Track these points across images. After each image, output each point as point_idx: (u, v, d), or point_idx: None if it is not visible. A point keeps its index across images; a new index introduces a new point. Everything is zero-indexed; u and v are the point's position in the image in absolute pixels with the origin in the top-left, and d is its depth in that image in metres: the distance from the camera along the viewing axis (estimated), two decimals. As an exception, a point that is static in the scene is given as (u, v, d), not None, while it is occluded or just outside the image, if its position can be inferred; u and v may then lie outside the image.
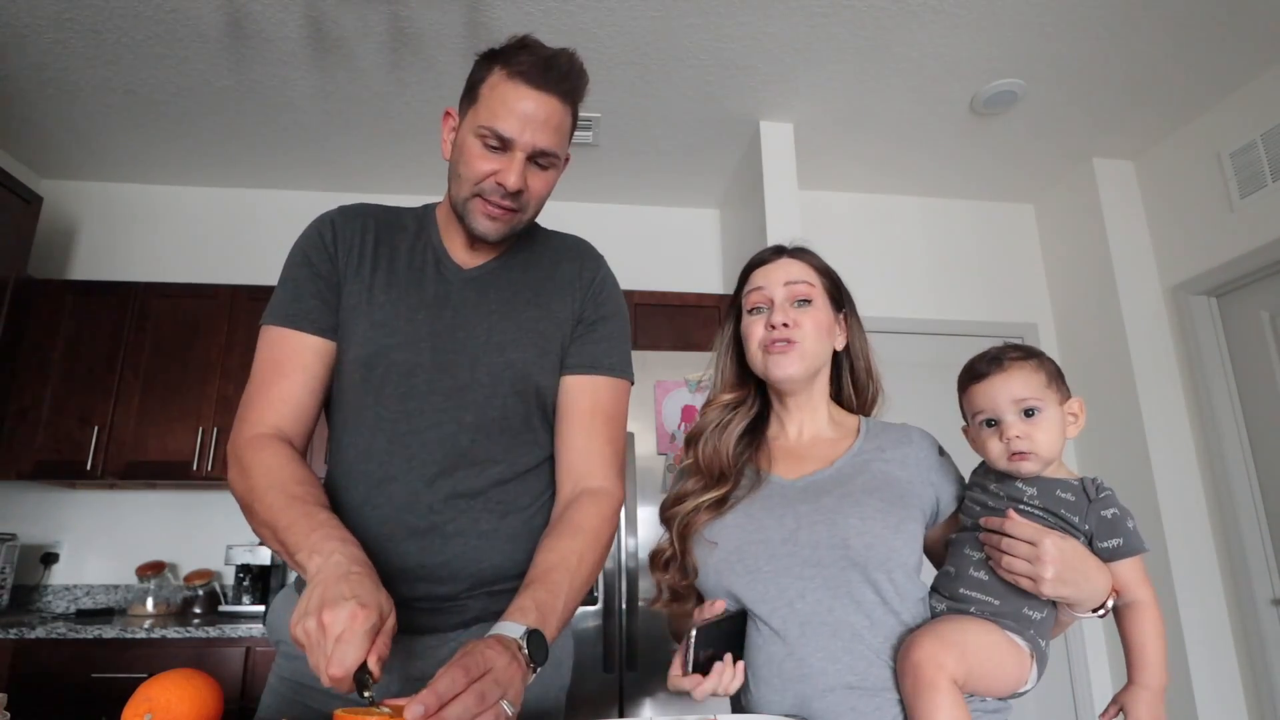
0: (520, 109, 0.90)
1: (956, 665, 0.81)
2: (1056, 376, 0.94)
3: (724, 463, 1.01)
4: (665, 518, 1.03)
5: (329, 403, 1.00)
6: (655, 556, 1.02)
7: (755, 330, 1.03)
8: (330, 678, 0.64)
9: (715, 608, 0.90)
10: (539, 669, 0.75)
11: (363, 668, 0.64)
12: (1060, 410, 0.92)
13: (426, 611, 0.92)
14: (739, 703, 0.95)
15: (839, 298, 1.07)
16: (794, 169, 2.91)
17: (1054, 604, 0.88)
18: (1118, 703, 0.89)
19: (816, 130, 2.98)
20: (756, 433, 1.06)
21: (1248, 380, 2.76)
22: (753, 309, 1.04)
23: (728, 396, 1.07)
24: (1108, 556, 0.86)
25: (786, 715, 0.87)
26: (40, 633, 2.29)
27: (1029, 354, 0.94)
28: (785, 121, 2.94)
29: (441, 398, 0.95)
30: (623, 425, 1.05)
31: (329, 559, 0.72)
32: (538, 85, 0.91)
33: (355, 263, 0.99)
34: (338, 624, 0.64)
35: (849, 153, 3.18)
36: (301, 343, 0.95)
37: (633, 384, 1.07)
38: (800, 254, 1.08)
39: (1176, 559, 2.72)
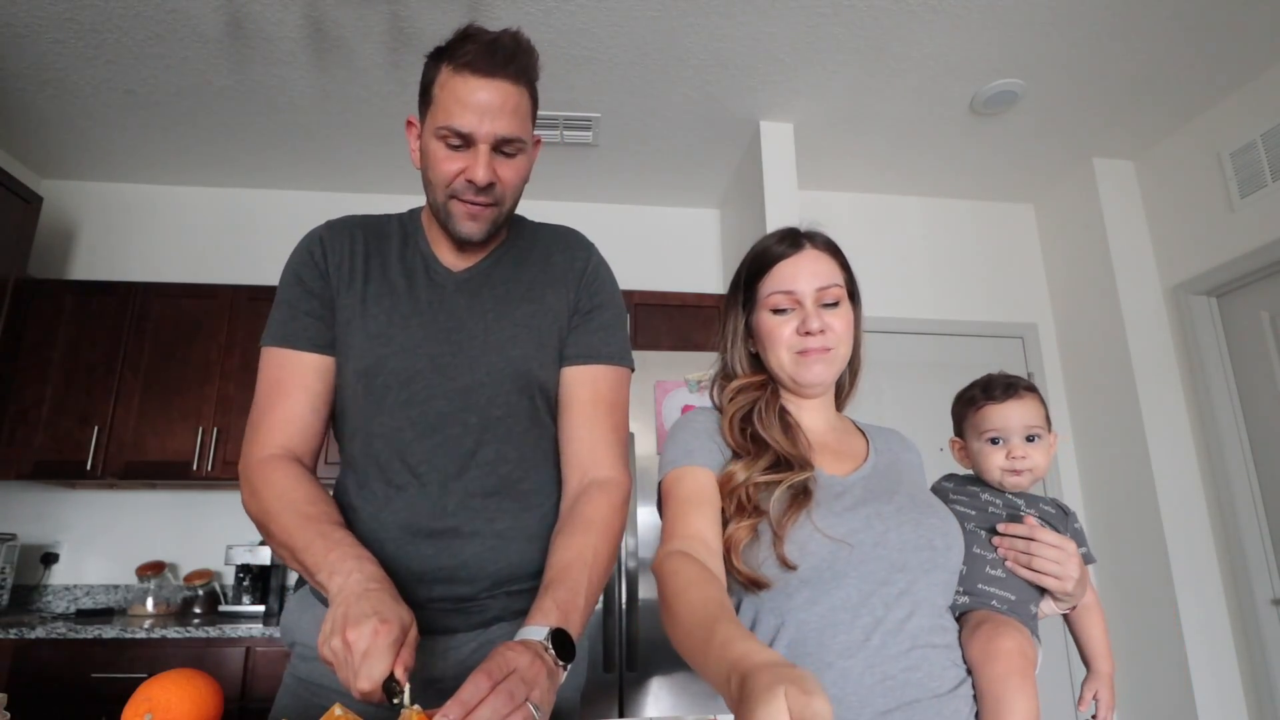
0: (473, 101, 0.88)
1: (1033, 655, 0.87)
2: (1047, 411, 1.07)
3: (781, 440, 0.93)
4: (743, 487, 0.88)
5: (334, 414, 1.01)
6: (732, 543, 0.87)
7: (782, 333, 0.97)
8: (359, 691, 0.66)
9: None
10: (568, 667, 0.75)
11: (390, 677, 0.66)
12: (1049, 439, 1.05)
13: (446, 612, 0.93)
14: None
15: (854, 292, 1.04)
16: (794, 169, 2.91)
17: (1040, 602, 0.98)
18: (1090, 688, 1.04)
19: (816, 130, 2.98)
20: (788, 420, 0.99)
21: (1248, 380, 2.76)
22: (777, 309, 0.98)
23: (757, 378, 1.01)
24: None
25: None
26: (40, 633, 2.29)
27: (1033, 387, 1.07)
28: (785, 121, 2.94)
29: (444, 402, 0.95)
30: (625, 413, 1.04)
31: (348, 578, 0.74)
32: (486, 73, 0.89)
33: (347, 277, 0.99)
34: (362, 640, 0.67)
35: (849, 153, 3.18)
36: (300, 362, 0.96)
37: (633, 370, 1.06)
38: (823, 245, 1.01)
39: (1176, 559, 2.72)
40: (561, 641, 0.75)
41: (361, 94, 2.72)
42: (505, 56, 0.90)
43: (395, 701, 0.66)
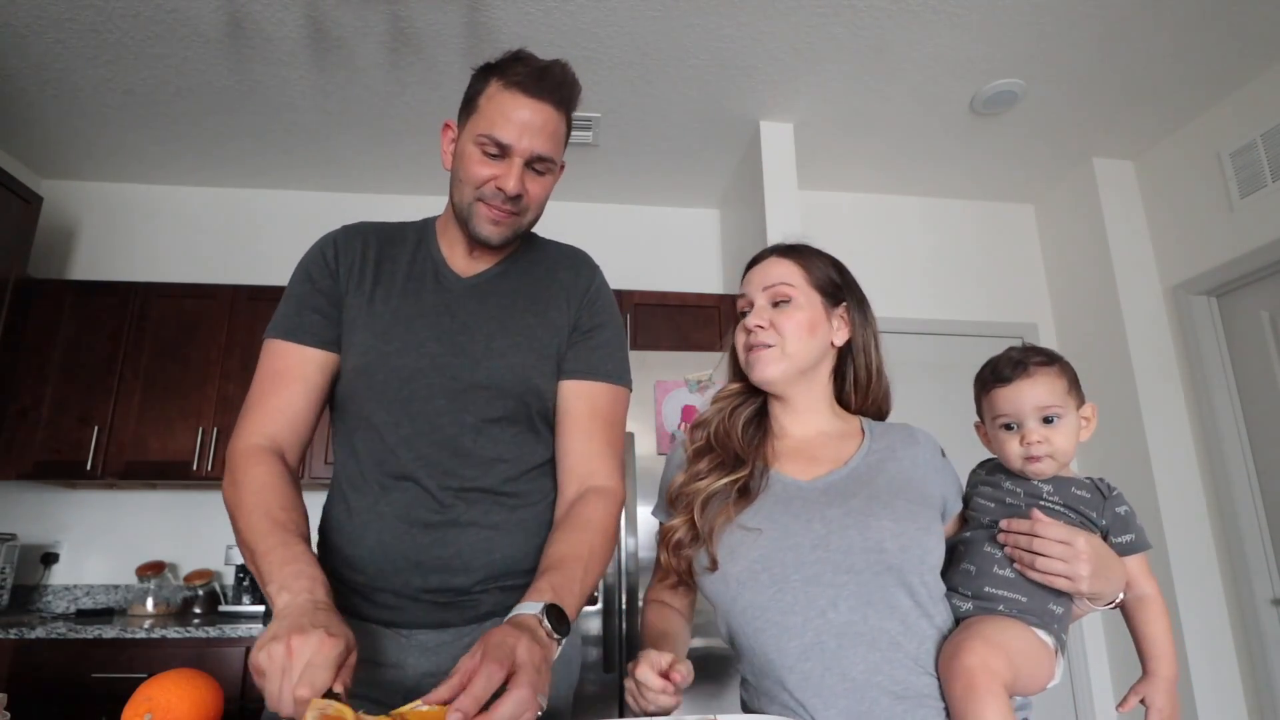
0: (517, 117, 0.94)
1: (1006, 669, 0.80)
2: (1075, 382, 0.96)
3: (737, 445, 0.99)
4: (683, 493, 0.97)
5: (334, 410, 1.03)
6: (666, 535, 0.98)
7: (739, 334, 1.04)
8: (298, 699, 0.63)
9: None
10: (562, 642, 0.77)
11: (330, 690, 0.64)
12: (1077, 415, 0.95)
13: (439, 606, 0.94)
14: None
15: (836, 293, 1.04)
16: (794, 169, 2.91)
17: (1071, 598, 0.89)
18: (1138, 693, 0.93)
19: (816, 130, 2.98)
20: (763, 425, 1.05)
21: (1248, 380, 2.76)
22: (741, 312, 1.05)
23: (734, 386, 1.07)
24: (1122, 551, 0.90)
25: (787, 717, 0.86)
26: (40, 633, 2.29)
27: (1051, 359, 0.96)
28: (785, 121, 2.94)
29: (445, 400, 0.97)
30: (621, 430, 1.07)
31: (297, 597, 0.73)
32: (533, 94, 0.95)
33: (356, 278, 1.02)
34: (307, 649, 0.65)
35: (849, 153, 3.18)
36: (302, 355, 0.98)
37: (630, 391, 1.09)
38: (790, 252, 1.05)
39: (1176, 559, 2.72)
40: (557, 616, 0.77)
41: (361, 94, 2.72)
42: (554, 83, 0.96)
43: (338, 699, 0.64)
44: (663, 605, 1.03)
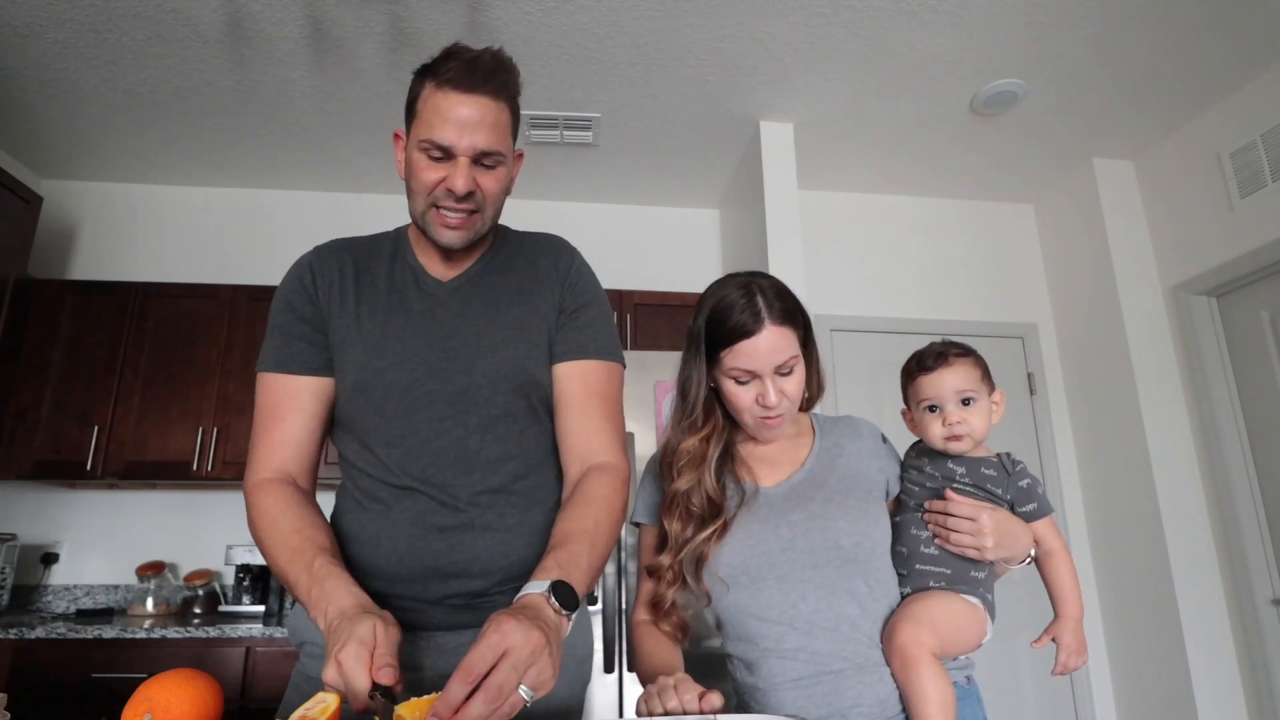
0: (454, 116, 0.92)
1: (933, 640, 0.94)
2: (987, 372, 1.10)
3: (715, 499, 1.03)
4: (675, 563, 1.03)
5: (336, 427, 1.03)
6: (656, 571, 1.05)
7: (743, 400, 1.03)
8: (359, 708, 0.69)
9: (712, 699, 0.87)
10: (573, 617, 0.78)
11: (375, 686, 0.69)
12: (989, 400, 1.08)
13: (458, 609, 0.95)
14: (748, 689, 1.01)
15: (808, 333, 1.07)
16: (794, 169, 2.91)
17: (991, 562, 1.04)
18: (1050, 632, 1.07)
19: (816, 130, 2.98)
20: (728, 450, 1.08)
21: (1248, 380, 2.76)
22: (739, 381, 1.02)
23: (695, 439, 1.05)
24: (1027, 518, 1.04)
25: (799, 692, 0.95)
26: (40, 633, 2.29)
27: (967, 352, 1.09)
28: (785, 121, 2.94)
29: (444, 406, 0.98)
30: (619, 405, 1.06)
31: (328, 621, 0.78)
32: (466, 89, 0.93)
33: (338, 298, 1.02)
34: (332, 675, 0.70)
35: (849, 153, 3.18)
36: (295, 385, 0.99)
37: (624, 366, 1.09)
38: (780, 317, 1.00)
39: (1176, 559, 2.72)
40: (564, 592, 0.77)
41: (361, 94, 2.72)
42: (485, 74, 0.94)
43: (379, 699, 0.68)
44: (657, 633, 1.08)
